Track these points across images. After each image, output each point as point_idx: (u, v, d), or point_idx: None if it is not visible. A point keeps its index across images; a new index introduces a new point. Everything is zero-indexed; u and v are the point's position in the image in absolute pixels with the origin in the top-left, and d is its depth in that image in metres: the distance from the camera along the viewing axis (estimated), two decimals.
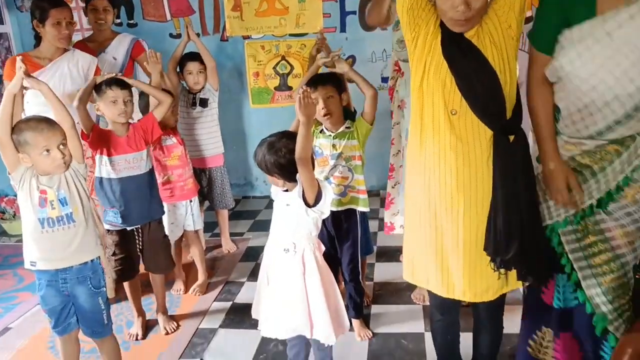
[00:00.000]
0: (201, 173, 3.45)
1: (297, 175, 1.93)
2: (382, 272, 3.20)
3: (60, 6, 2.79)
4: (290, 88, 4.45)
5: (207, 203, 3.63)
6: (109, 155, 2.50)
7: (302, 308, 1.98)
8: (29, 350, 2.65)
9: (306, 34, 4.29)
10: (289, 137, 1.96)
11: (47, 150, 1.90)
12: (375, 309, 2.81)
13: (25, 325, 2.86)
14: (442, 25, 1.61)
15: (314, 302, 1.98)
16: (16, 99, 2.00)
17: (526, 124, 1.65)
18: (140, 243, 2.64)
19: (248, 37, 4.36)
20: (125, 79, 2.51)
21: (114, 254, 2.60)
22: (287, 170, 1.93)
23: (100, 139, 2.48)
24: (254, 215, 4.41)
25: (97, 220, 2.10)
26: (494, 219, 1.59)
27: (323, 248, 2.10)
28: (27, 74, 2.01)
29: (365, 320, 2.65)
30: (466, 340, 2.02)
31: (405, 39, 1.67)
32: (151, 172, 2.62)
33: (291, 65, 4.40)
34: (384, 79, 4.18)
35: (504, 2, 1.55)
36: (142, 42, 3.36)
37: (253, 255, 3.57)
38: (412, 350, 2.42)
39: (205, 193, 3.51)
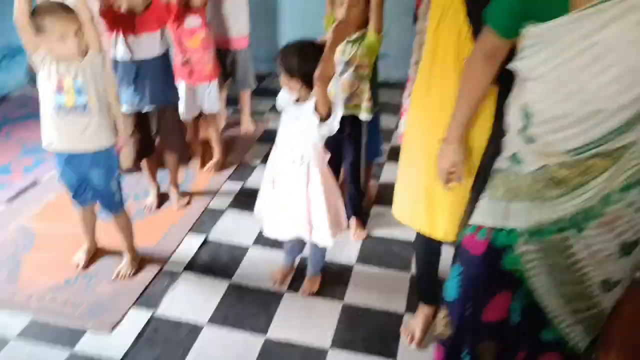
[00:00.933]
0: (225, 53, 3.43)
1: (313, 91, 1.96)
2: (391, 172, 3.27)
3: None
4: None
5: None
6: (124, 34, 2.51)
7: (304, 216, 2.11)
8: (55, 206, 2.92)
9: None
10: (318, 47, 1.95)
11: (63, 37, 1.93)
12: (375, 209, 2.94)
13: (54, 181, 3.08)
14: None
15: (315, 209, 2.10)
16: None
17: None
18: (156, 126, 2.74)
19: None
20: None
21: (132, 135, 2.73)
22: (310, 79, 1.94)
23: (116, 19, 2.48)
24: (277, 94, 4.41)
25: (114, 103, 2.19)
26: (487, 164, 1.60)
27: (328, 155, 2.17)
28: None
29: (363, 220, 2.80)
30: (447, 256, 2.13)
31: None
32: (166, 55, 2.64)
33: None
34: None
35: None
36: None
37: (270, 138, 3.60)
38: (399, 258, 2.57)
39: (228, 72, 3.51)
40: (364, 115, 2.51)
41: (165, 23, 2.59)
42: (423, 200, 1.78)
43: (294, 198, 2.11)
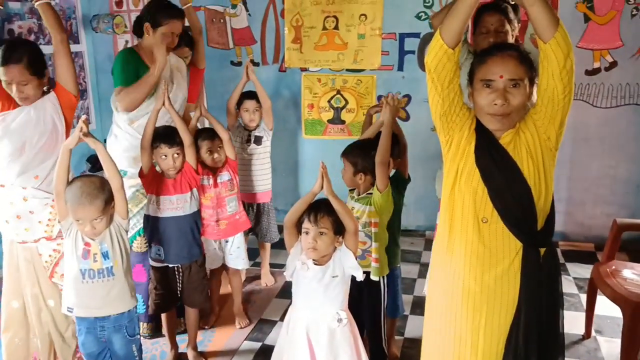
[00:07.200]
0: (249, 207, 3.54)
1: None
2: (415, 326, 3.14)
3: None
4: (343, 122, 4.47)
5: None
6: (157, 194, 2.63)
7: None
8: None
9: (363, 69, 4.31)
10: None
11: (79, 221, 2.03)
12: None
13: None
14: (478, 129, 1.59)
15: None
16: None
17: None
18: (180, 281, 2.76)
19: (306, 69, 4.42)
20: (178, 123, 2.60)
21: (155, 288, 2.74)
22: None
23: (153, 180, 2.64)
24: None
25: None
26: (515, 334, 1.55)
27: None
28: (87, 134, 2.11)
29: None
30: None
31: (440, 140, 1.66)
32: (195, 215, 2.73)
33: (346, 100, 4.42)
34: None
35: (545, 114, 1.51)
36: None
37: (289, 292, 3.59)
38: None
39: (252, 226, 3.58)
40: (373, 276, 2.48)
41: (196, 185, 2.73)
42: None
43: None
